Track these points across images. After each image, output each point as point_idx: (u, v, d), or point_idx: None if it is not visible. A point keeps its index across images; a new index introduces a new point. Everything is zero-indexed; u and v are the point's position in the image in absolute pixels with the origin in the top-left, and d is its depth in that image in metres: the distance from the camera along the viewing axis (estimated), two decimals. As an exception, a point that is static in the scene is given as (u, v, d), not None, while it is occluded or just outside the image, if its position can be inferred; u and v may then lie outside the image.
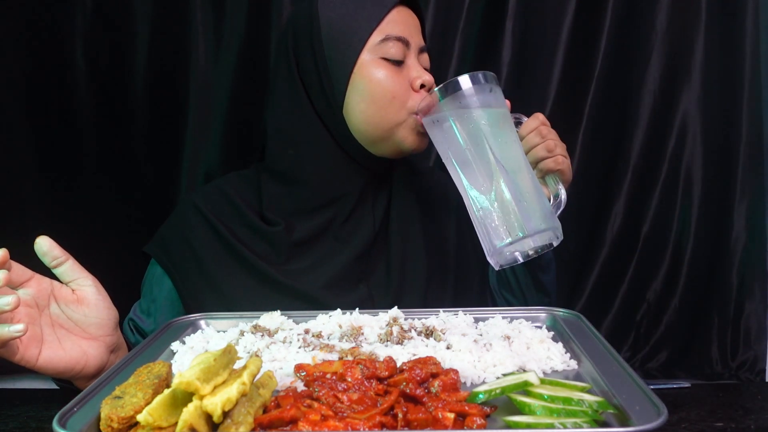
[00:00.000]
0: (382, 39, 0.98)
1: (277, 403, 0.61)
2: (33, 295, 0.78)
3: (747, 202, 1.52)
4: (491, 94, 0.90)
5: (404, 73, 0.99)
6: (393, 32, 0.98)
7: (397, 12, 1.00)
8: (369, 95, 0.98)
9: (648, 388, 0.62)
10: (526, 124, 0.97)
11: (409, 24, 1.01)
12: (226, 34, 1.45)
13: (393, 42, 0.98)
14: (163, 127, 1.48)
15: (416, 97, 0.99)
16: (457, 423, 0.59)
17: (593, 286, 1.57)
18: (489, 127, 0.88)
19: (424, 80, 0.99)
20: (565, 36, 1.48)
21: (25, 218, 1.43)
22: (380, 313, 0.88)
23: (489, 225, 0.86)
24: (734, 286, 1.54)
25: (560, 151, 0.96)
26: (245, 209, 1.06)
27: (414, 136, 1.00)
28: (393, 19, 0.99)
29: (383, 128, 0.99)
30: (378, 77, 0.98)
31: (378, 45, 0.98)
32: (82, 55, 1.43)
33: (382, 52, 0.98)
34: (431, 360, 0.71)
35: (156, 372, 0.66)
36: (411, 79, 0.99)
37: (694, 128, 1.52)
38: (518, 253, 0.86)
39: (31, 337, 0.76)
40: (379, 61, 0.98)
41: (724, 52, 1.50)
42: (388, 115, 0.99)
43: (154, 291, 1.06)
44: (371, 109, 0.98)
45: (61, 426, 0.58)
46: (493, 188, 0.86)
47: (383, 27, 0.98)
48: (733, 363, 1.56)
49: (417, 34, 1.02)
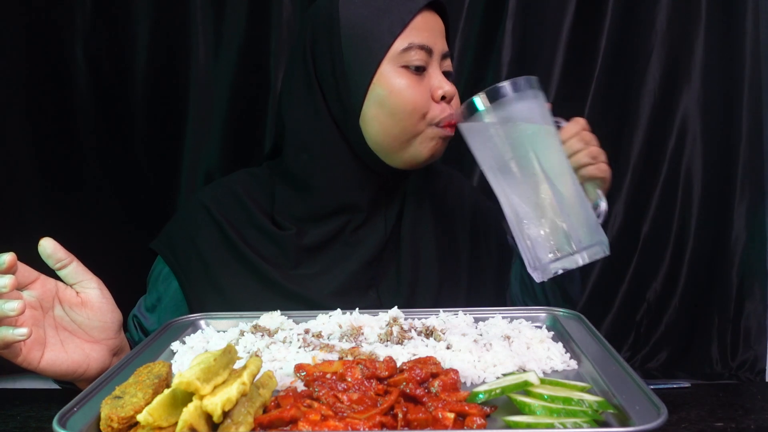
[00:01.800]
0: (405, 47, 0.93)
1: (277, 403, 0.61)
2: (38, 297, 0.77)
3: (747, 202, 1.52)
4: (534, 99, 0.86)
5: (425, 82, 0.95)
6: (416, 40, 0.94)
7: (422, 17, 0.95)
8: (388, 106, 0.94)
9: (648, 388, 0.62)
10: (566, 129, 0.92)
11: (433, 29, 0.96)
12: (226, 34, 1.45)
13: (416, 50, 0.93)
14: (163, 127, 1.48)
15: (436, 108, 0.95)
16: (457, 423, 0.59)
17: (593, 286, 1.57)
18: (533, 135, 0.84)
19: (445, 91, 0.95)
20: (565, 36, 1.48)
21: (25, 218, 1.43)
22: (380, 313, 0.88)
23: (534, 238, 0.82)
24: (734, 286, 1.54)
25: (603, 158, 0.93)
26: (255, 211, 1.03)
27: (430, 148, 0.97)
28: (417, 24, 0.94)
29: (400, 140, 0.96)
30: (398, 87, 0.94)
31: (400, 53, 0.93)
32: (82, 55, 1.43)
33: (404, 60, 0.94)
34: (431, 360, 0.71)
35: (156, 372, 0.66)
36: (432, 88, 0.95)
37: (694, 128, 1.53)
38: (562, 267, 0.82)
39: (34, 340, 0.75)
40: (400, 70, 0.94)
41: (724, 52, 1.50)
42: (408, 126, 0.95)
43: (160, 289, 1.05)
44: (390, 121, 0.95)
45: (61, 426, 0.58)
46: (539, 199, 0.82)
47: (407, 33, 0.94)
48: (733, 363, 1.56)
49: (441, 40, 0.97)
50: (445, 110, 0.95)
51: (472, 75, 1.51)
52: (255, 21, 1.45)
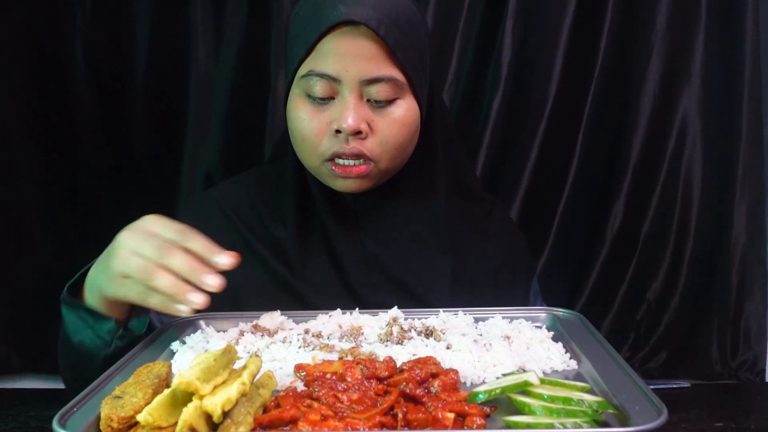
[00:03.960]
0: (305, 74, 0.88)
1: (277, 403, 0.61)
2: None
3: (747, 202, 1.52)
4: None
5: (327, 113, 0.89)
6: (318, 67, 0.87)
7: (335, 40, 0.86)
8: (291, 132, 0.93)
9: (648, 388, 0.62)
10: None
11: (347, 54, 0.86)
12: (226, 33, 1.45)
13: (316, 79, 0.87)
14: (163, 127, 1.48)
15: (327, 142, 0.90)
16: (457, 423, 0.59)
17: (593, 286, 1.57)
18: None
19: (339, 125, 0.87)
20: (565, 36, 1.48)
21: (25, 218, 1.43)
22: (380, 313, 0.88)
23: None
24: (734, 286, 1.54)
25: None
26: (265, 213, 1.02)
27: (335, 182, 0.93)
28: (326, 49, 0.86)
29: (309, 167, 0.95)
30: (293, 116, 0.91)
31: (301, 79, 0.89)
32: (82, 55, 1.43)
33: (305, 87, 0.89)
34: (431, 360, 0.71)
35: (156, 372, 0.66)
36: (330, 120, 0.89)
37: (694, 128, 1.52)
38: None
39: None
40: (301, 97, 0.90)
41: (724, 52, 1.50)
42: (304, 157, 0.94)
43: None
44: (295, 147, 0.94)
45: (61, 426, 0.58)
46: None
47: (311, 59, 0.88)
48: (733, 363, 1.56)
49: (362, 63, 0.86)
50: (335, 145, 0.89)
51: (472, 75, 1.51)
52: (255, 21, 1.45)
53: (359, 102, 0.88)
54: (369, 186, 0.95)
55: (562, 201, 1.53)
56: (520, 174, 1.52)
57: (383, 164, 0.93)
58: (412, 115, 0.93)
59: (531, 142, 1.50)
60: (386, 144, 0.91)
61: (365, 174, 0.92)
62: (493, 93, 1.47)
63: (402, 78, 0.89)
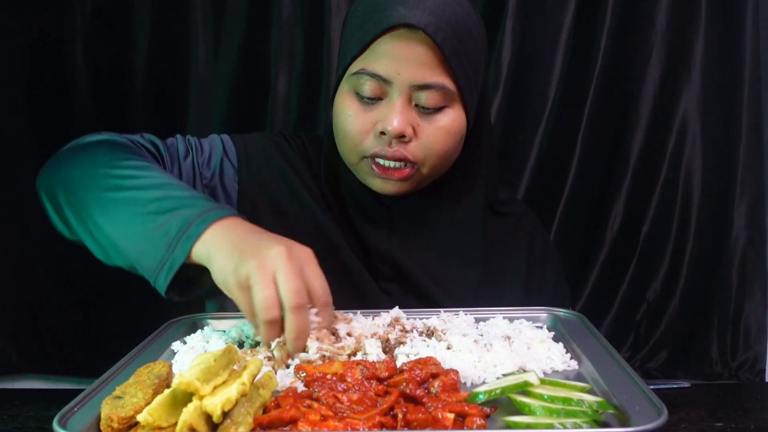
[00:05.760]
0: (356, 72, 0.88)
1: (277, 403, 0.61)
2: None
3: (747, 202, 1.52)
4: None
5: (373, 112, 0.89)
6: (370, 67, 0.87)
7: (390, 42, 0.86)
8: (335, 127, 0.93)
9: (648, 388, 0.62)
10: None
11: (401, 57, 0.86)
12: (226, 34, 1.45)
13: (366, 78, 0.87)
14: (163, 126, 1.48)
15: (370, 141, 0.89)
16: (457, 423, 0.59)
17: (593, 286, 1.57)
18: None
19: (384, 128, 0.87)
20: (565, 36, 1.48)
21: (26, 218, 1.43)
22: (381, 313, 0.88)
23: None
24: (734, 286, 1.54)
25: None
26: (315, 188, 1.02)
27: (373, 183, 0.93)
28: (380, 49, 0.86)
29: (349, 163, 0.95)
30: (340, 111, 0.91)
31: (352, 77, 0.89)
32: (82, 56, 1.43)
33: (355, 85, 0.89)
34: (431, 360, 0.71)
35: (156, 372, 0.66)
36: (376, 122, 0.89)
37: (694, 128, 1.52)
38: None
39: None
40: (349, 94, 0.90)
41: (724, 52, 1.50)
42: (344, 153, 0.93)
43: (213, 160, 1.00)
44: (337, 142, 0.94)
45: (61, 426, 0.58)
46: None
47: (364, 57, 0.88)
48: (733, 363, 1.56)
49: (415, 68, 0.86)
50: (377, 146, 0.89)
51: (472, 75, 1.51)
52: (255, 21, 1.45)
53: (407, 106, 0.88)
54: (408, 189, 0.94)
55: (562, 201, 1.53)
56: (520, 174, 1.52)
57: (426, 169, 0.92)
58: (459, 124, 0.92)
59: (531, 142, 1.51)
60: (430, 150, 0.90)
61: (407, 177, 0.91)
62: (493, 93, 1.47)
63: (453, 87, 0.88)
